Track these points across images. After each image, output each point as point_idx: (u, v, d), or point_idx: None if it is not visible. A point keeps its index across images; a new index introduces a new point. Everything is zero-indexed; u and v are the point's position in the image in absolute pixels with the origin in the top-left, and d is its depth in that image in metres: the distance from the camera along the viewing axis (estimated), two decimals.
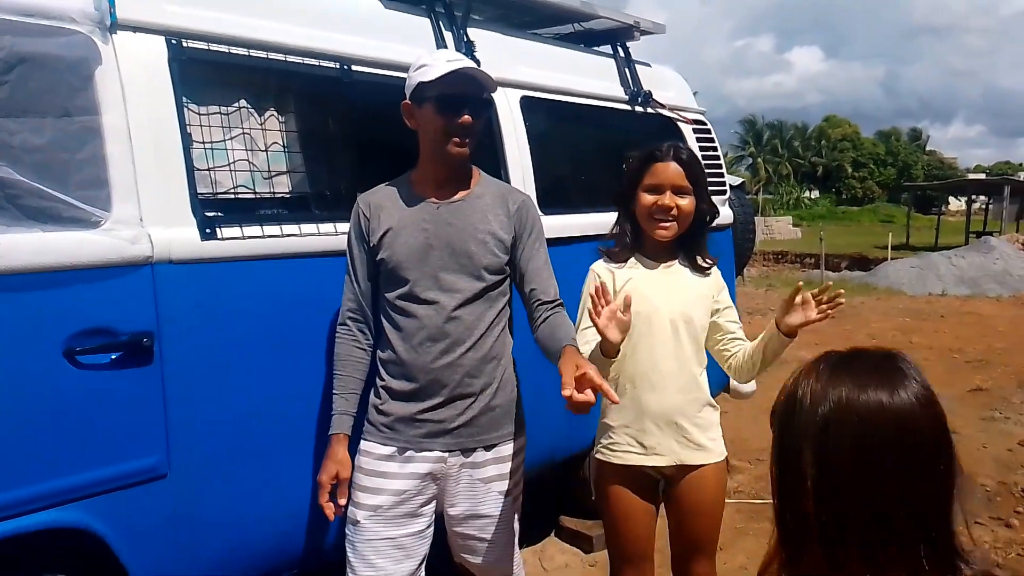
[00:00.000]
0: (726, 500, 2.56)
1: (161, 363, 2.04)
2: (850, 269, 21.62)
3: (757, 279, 18.32)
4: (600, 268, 2.37)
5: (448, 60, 2.11)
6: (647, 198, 2.26)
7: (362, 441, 2.22)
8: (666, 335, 2.28)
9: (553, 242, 3.14)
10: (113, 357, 1.97)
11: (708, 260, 2.37)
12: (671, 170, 2.25)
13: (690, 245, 2.35)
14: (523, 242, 2.26)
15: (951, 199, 51.36)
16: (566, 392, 1.81)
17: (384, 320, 2.23)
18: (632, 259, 2.35)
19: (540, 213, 3.09)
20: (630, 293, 2.22)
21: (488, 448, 2.24)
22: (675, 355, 2.28)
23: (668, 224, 2.26)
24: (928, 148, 70.86)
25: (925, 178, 57.62)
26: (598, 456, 2.38)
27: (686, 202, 2.25)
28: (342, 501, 2.18)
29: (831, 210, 54.26)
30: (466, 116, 2.12)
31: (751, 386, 4.43)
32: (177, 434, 2.08)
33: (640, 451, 2.30)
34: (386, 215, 2.20)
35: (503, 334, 2.29)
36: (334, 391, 2.25)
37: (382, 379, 2.23)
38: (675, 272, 2.33)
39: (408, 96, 2.19)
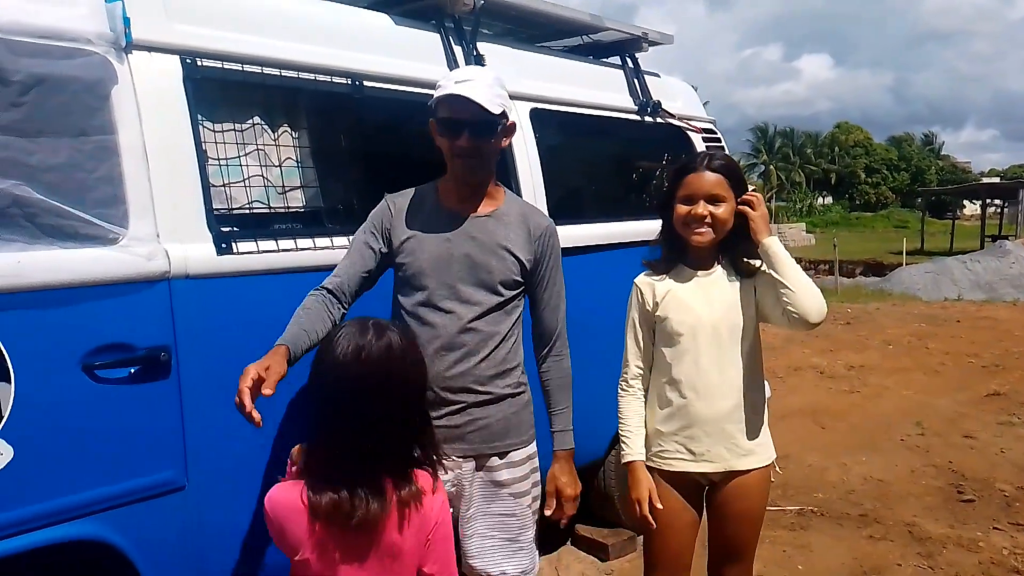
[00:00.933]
0: None
1: (178, 377, 2.07)
2: (864, 275, 21.54)
3: None
4: (641, 281, 2.41)
5: (456, 81, 2.11)
6: (681, 208, 2.28)
7: None
8: (709, 342, 2.29)
9: (565, 252, 3.18)
10: (131, 371, 2.00)
11: (754, 263, 2.33)
12: (704, 180, 2.25)
13: (733, 249, 2.33)
14: (541, 270, 2.31)
15: (965, 203, 51.10)
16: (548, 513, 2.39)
17: None
18: (674, 269, 2.38)
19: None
20: (671, 304, 2.32)
21: (502, 455, 2.27)
22: (719, 362, 2.30)
23: (703, 231, 2.26)
24: (941, 153, 70.53)
25: (939, 183, 57.38)
26: (648, 464, 2.39)
27: (721, 210, 2.25)
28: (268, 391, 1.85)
29: (844, 216, 54.11)
30: (463, 139, 2.13)
31: (765, 392, 4.42)
32: (194, 447, 2.11)
33: (690, 458, 2.33)
34: (410, 220, 2.23)
35: (516, 344, 2.31)
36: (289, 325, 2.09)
37: None
38: (717, 278, 2.34)
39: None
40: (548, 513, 2.37)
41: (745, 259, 2.33)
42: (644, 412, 2.42)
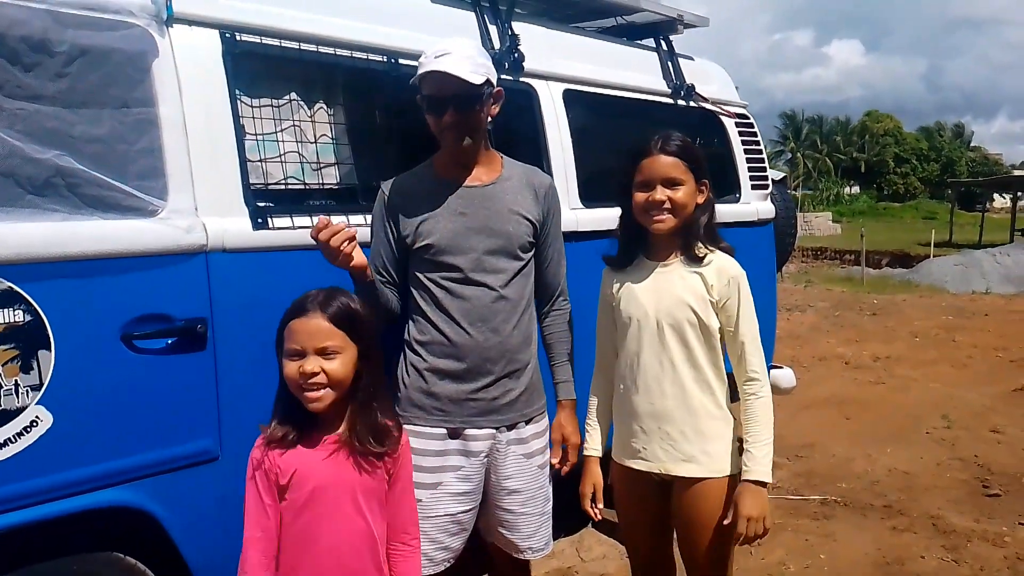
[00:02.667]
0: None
1: (214, 349, 2.09)
2: (891, 266, 21.27)
3: (796, 275, 18.13)
4: (606, 271, 2.38)
5: (436, 56, 2.08)
6: (639, 196, 2.18)
7: (412, 426, 2.22)
8: (653, 339, 2.21)
9: (592, 235, 3.17)
10: (168, 342, 2.03)
11: (705, 249, 2.20)
12: (659, 163, 2.16)
13: (688, 237, 2.21)
14: (547, 226, 2.35)
15: (996, 196, 50.31)
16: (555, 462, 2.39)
17: (423, 302, 2.23)
18: (635, 261, 2.30)
19: (581, 205, 3.14)
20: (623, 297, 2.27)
21: (528, 421, 2.32)
22: (661, 360, 2.20)
23: (663, 216, 2.16)
24: (972, 144, 69.42)
25: (969, 174, 56.50)
26: (611, 451, 2.38)
27: (680, 193, 2.15)
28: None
29: (872, 206, 53.46)
30: (449, 114, 2.11)
31: (790, 382, 4.40)
32: (228, 418, 2.14)
33: (629, 453, 2.28)
34: (417, 202, 2.21)
35: (533, 310, 2.36)
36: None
37: (424, 361, 2.23)
38: (672, 271, 2.22)
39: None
40: (555, 462, 2.38)
41: (699, 246, 2.20)
42: (605, 405, 2.39)
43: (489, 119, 2.23)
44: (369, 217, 2.39)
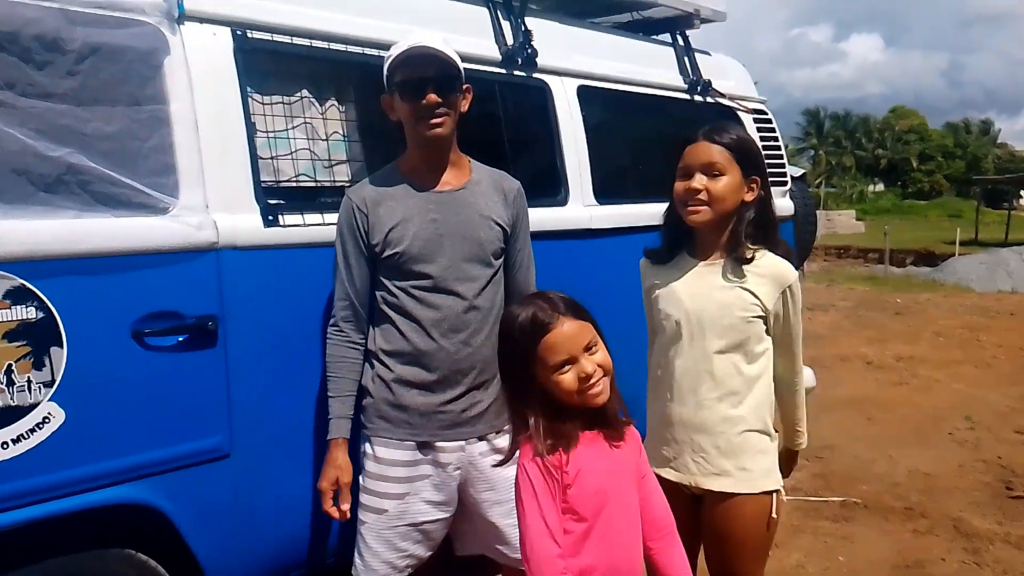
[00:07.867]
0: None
1: (225, 346, 2.09)
2: (915, 265, 21.03)
3: (818, 274, 17.97)
4: (643, 265, 2.29)
5: (410, 44, 2.07)
6: (678, 184, 2.08)
7: (378, 437, 2.18)
8: (693, 341, 2.08)
9: (608, 232, 3.15)
10: (179, 340, 2.03)
11: (752, 250, 2.07)
12: (700, 150, 2.05)
13: (734, 237, 2.09)
14: (517, 230, 2.30)
15: (1023, 193, 49.60)
16: None
17: (390, 310, 2.17)
18: (677, 257, 2.18)
19: (595, 203, 3.11)
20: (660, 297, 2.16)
21: (499, 432, 2.23)
22: (698, 366, 2.08)
23: (699, 208, 2.04)
24: (998, 141, 68.41)
25: (996, 172, 55.66)
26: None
27: (719, 184, 2.03)
28: (345, 507, 2.15)
29: (896, 204, 52.73)
30: (430, 95, 2.07)
31: (810, 382, 4.34)
32: (239, 415, 2.14)
33: (657, 461, 2.12)
34: (386, 210, 2.14)
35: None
36: (329, 394, 2.19)
37: (391, 371, 2.16)
38: (717, 271, 2.09)
39: (386, 88, 2.16)
40: None
41: (747, 246, 2.07)
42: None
43: (460, 113, 2.18)
44: None
